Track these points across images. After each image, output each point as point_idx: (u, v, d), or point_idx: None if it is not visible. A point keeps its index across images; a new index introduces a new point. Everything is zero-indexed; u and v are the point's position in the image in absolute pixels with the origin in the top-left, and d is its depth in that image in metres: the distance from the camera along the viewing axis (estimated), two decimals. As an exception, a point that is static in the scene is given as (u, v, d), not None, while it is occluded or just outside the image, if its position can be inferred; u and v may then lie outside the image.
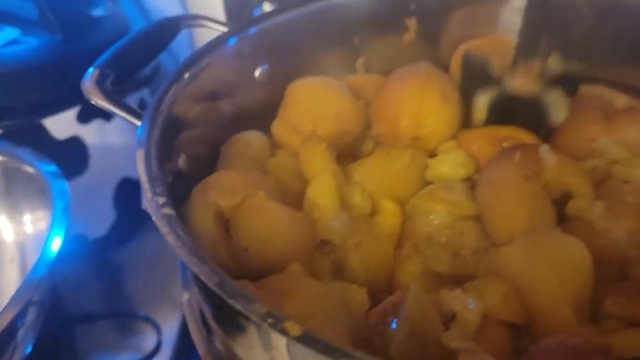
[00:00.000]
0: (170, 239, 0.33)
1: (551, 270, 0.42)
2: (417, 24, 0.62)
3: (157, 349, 0.76)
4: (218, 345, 0.41)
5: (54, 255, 0.56)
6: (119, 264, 0.89)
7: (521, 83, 0.45)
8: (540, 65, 0.45)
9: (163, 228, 0.34)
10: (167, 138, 0.45)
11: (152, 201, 0.36)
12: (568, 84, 0.46)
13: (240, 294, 0.29)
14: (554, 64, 0.46)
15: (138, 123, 0.44)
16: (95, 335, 0.78)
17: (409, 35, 0.63)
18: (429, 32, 0.63)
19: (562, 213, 0.48)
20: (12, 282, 0.73)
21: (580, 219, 0.47)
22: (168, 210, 0.35)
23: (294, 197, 0.51)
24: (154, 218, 0.35)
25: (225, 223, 0.45)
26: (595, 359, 0.36)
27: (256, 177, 0.47)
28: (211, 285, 0.30)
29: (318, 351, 0.26)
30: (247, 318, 0.34)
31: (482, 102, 0.48)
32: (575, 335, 0.38)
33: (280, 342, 0.33)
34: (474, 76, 0.48)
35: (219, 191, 0.45)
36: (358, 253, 0.47)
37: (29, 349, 0.56)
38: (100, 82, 0.47)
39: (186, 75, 0.48)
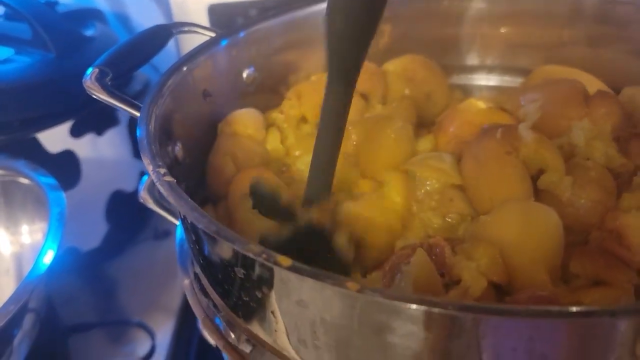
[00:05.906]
0: (172, 199, 0.36)
1: (528, 236, 0.44)
2: (392, 28, 0.67)
3: (150, 354, 0.77)
4: (215, 310, 0.44)
5: (50, 260, 0.57)
6: (112, 275, 0.90)
7: (315, 218, 0.45)
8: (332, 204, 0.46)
9: (166, 192, 0.37)
10: (164, 126, 0.47)
11: (154, 172, 0.39)
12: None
13: (236, 237, 0.33)
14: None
15: (138, 114, 0.47)
16: (90, 343, 0.78)
17: (384, 40, 0.68)
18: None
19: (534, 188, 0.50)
20: (7, 293, 0.74)
21: (549, 192, 0.50)
22: (169, 178, 0.38)
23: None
24: (157, 184, 0.37)
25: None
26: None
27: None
28: (211, 233, 0.33)
29: (307, 275, 0.30)
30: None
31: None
32: (543, 290, 0.42)
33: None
34: (264, 206, 0.48)
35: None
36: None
37: (24, 358, 0.57)
38: (100, 79, 0.50)
39: (184, 69, 0.51)
